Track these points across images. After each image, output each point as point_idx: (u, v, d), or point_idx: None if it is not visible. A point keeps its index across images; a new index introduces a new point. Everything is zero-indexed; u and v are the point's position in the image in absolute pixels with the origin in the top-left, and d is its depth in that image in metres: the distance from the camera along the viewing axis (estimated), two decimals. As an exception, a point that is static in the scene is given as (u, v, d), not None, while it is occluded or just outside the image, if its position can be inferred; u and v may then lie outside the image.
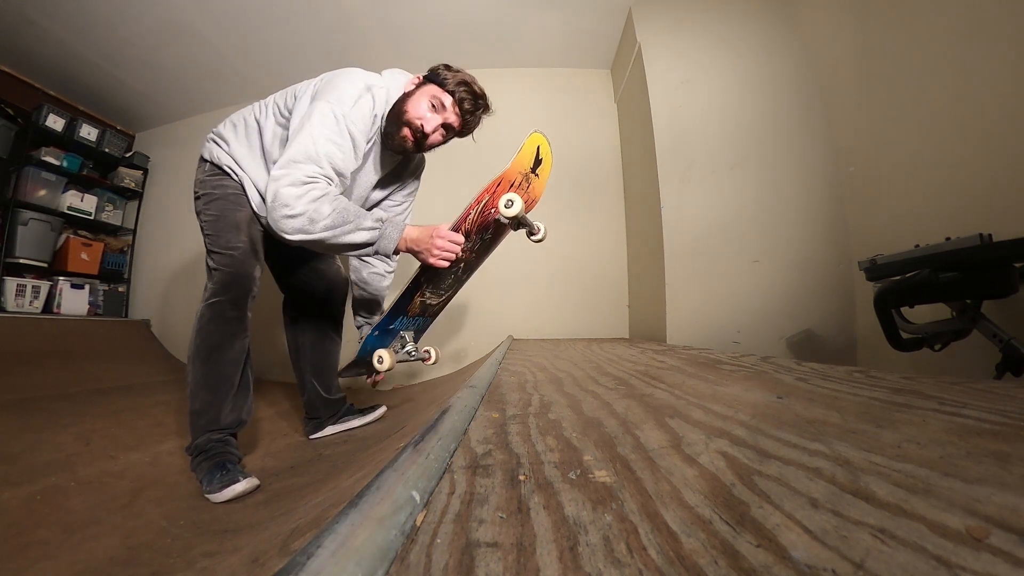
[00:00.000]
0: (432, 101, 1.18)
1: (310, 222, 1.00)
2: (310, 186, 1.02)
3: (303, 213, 1.00)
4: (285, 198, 1.00)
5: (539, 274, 2.83)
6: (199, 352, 1.17)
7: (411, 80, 1.22)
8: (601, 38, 2.75)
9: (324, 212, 1.01)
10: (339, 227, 1.02)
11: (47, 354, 2.40)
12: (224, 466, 1.10)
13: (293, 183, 1.01)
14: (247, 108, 1.27)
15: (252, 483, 1.08)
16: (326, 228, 1.01)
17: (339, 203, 1.03)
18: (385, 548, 0.27)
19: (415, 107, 1.18)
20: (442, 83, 1.18)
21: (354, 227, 1.03)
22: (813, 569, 0.23)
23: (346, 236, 1.02)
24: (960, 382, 0.66)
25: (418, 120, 1.17)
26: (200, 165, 1.27)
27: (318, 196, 1.01)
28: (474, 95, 1.20)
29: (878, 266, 1.33)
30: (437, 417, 0.58)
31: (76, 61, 2.91)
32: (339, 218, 1.02)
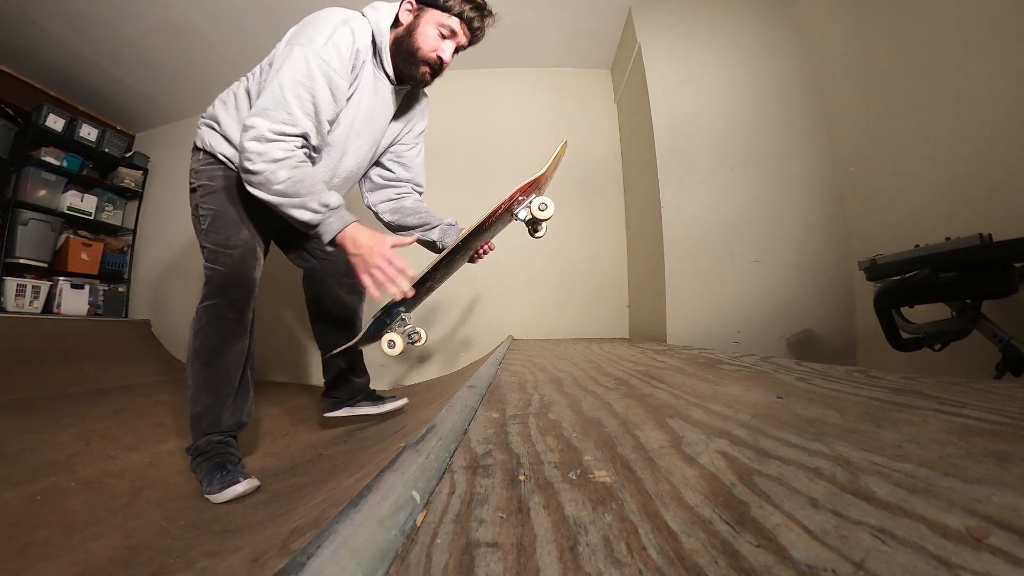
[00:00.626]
0: (440, 30, 1.12)
1: (266, 182, 0.97)
2: (274, 144, 0.98)
3: (261, 172, 0.97)
4: (248, 151, 0.97)
5: (539, 274, 2.83)
6: (198, 355, 1.15)
7: (403, 8, 1.13)
8: (601, 38, 2.75)
9: (280, 176, 0.97)
10: (288, 197, 0.98)
11: (47, 354, 2.40)
12: (224, 467, 1.09)
13: (258, 137, 0.97)
14: (235, 82, 1.20)
15: (252, 484, 1.07)
16: (277, 194, 0.98)
17: (297, 172, 0.99)
18: (385, 548, 0.27)
19: (425, 40, 1.12)
20: (445, 6, 1.10)
21: (299, 203, 0.98)
22: (813, 569, 0.23)
23: (291, 209, 0.99)
24: (960, 382, 0.66)
25: (433, 53, 1.13)
26: (194, 154, 1.20)
27: (279, 158, 0.98)
28: (478, 7, 1.13)
29: (878, 266, 1.33)
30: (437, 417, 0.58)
31: (76, 61, 2.91)
32: (291, 188, 0.98)
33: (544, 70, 3.07)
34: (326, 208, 1.00)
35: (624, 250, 2.81)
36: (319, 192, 1.00)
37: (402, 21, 1.14)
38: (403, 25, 1.14)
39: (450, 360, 2.71)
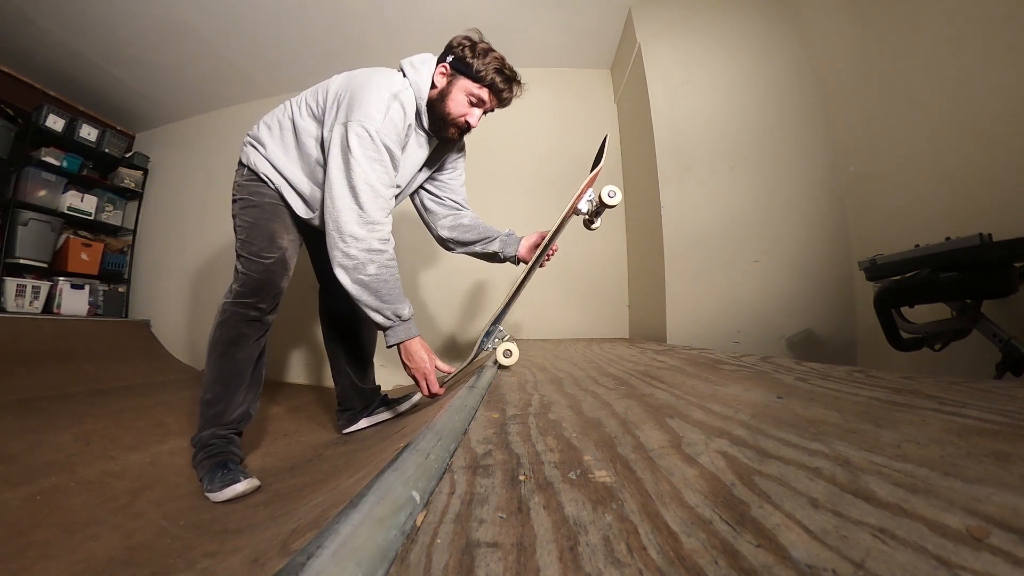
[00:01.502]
0: (470, 98, 1.19)
1: (355, 268, 1.06)
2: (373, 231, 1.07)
3: (356, 258, 1.06)
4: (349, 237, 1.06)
5: (539, 274, 2.82)
6: (217, 345, 1.21)
7: (438, 71, 1.19)
8: (601, 38, 2.75)
9: (369, 271, 1.07)
10: (367, 295, 1.07)
11: (47, 354, 2.40)
12: (226, 465, 1.11)
13: (359, 221, 1.06)
14: (279, 108, 1.27)
15: (253, 484, 1.08)
16: (359, 284, 1.07)
17: (385, 272, 1.09)
18: (385, 548, 0.27)
19: (456, 106, 1.19)
20: (476, 76, 1.16)
21: (376, 307, 1.09)
22: (813, 569, 0.23)
23: (366, 307, 1.09)
24: (960, 382, 0.66)
25: (462, 118, 1.21)
26: (239, 169, 1.28)
27: (375, 248, 1.07)
28: (508, 79, 1.20)
29: (878, 266, 1.33)
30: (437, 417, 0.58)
31: (76, 61, 2.91)
32: (374, 285, 1.07)
33: (544, 70, 3.06)
34: (398, 319, 1.12)
35: (624, 250, 2.81)
36: (396, 300, 1.10)
37: (436, 84, 1.20)
38: (437, 89, 1.20)
39: (450, 360, 2.71)
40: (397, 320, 1.12)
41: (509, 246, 1.48)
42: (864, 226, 1.92)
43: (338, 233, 1.06)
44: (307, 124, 1.19)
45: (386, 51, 2.91)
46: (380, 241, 1.08)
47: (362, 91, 1.12)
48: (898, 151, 1.71)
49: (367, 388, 1.56)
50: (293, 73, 3.09)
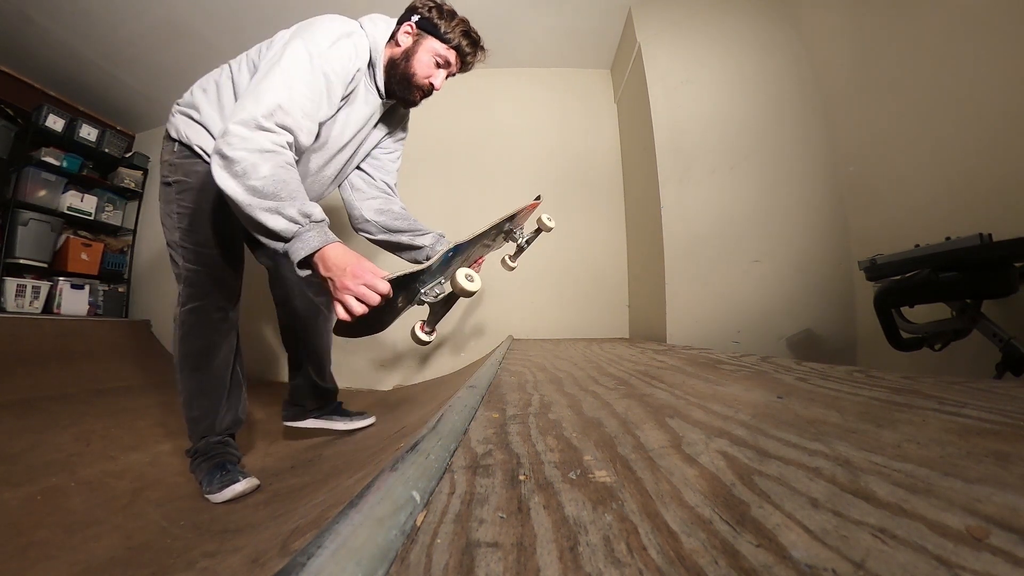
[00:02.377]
0: (436, 59, 1.13)
1: (243, 173, 0.82)
2: (264, 134, 0.86)
3: (241, 161, 0.82)
4: (231, 135, 0.83)
5: (539, 274, 2.83)
6: (187, 360, 1.14)
7: (402, 30, 1.12)
8: (601, 38, 2.75)
9: (261, 171, 0.82)
10: (262, 198, 0.82)
11: (47, 355, 2.40)
12: (224, 466, 1.10)
13: (246, 121, 0.85)
14: (216, 70, 1.15)
15: (252, 483, 1.08)
16: (251, 191, 0.82)
17: (282, 172, 0.85)
18: (385, 548, 0.27)
19: (421, 67, 1.13)
20: (443, 37, 1.11)
21: (274, 207, 0.82)
22: (813, 569, 0.23)
23: (262, 213, 0.82)
24: (960, 382, 0.66)
25: (427, 79, 1.14)
26: (167, 144, 1.13)
27: (267, 149, 0.85)
28: (474, 43, 1.16)
29: (878, 266, 1.33)
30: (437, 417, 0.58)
31: (76, 61, 2.91)
32: (270, 186, 0.82)
33: (544, 70, 3.07)
34: (307, 219, 0.84)
35: (624, 250, 2.81)
36: (300, 199, 0.84)
37: (400, 43, 1.13)
38: (401, 47, 1.13)
39: (450, 360, 2.71)
40: (306, 221, 0.83)
41: (439, 244, 1.37)
42: (864, 226, 1.92)
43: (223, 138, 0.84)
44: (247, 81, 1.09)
45: (386, 51, 2.92)
46: (273, 143, 0.86)
47: (311, 24, 1.04)
48: (898, 151, 1.71)
49: (327, 387, 1.48)
50: (293, 73, 3.08)
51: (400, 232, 1.35)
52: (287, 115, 0.90)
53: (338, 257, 0.83)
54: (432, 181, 2.98)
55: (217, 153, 0.84)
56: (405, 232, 1.35)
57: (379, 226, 1.35)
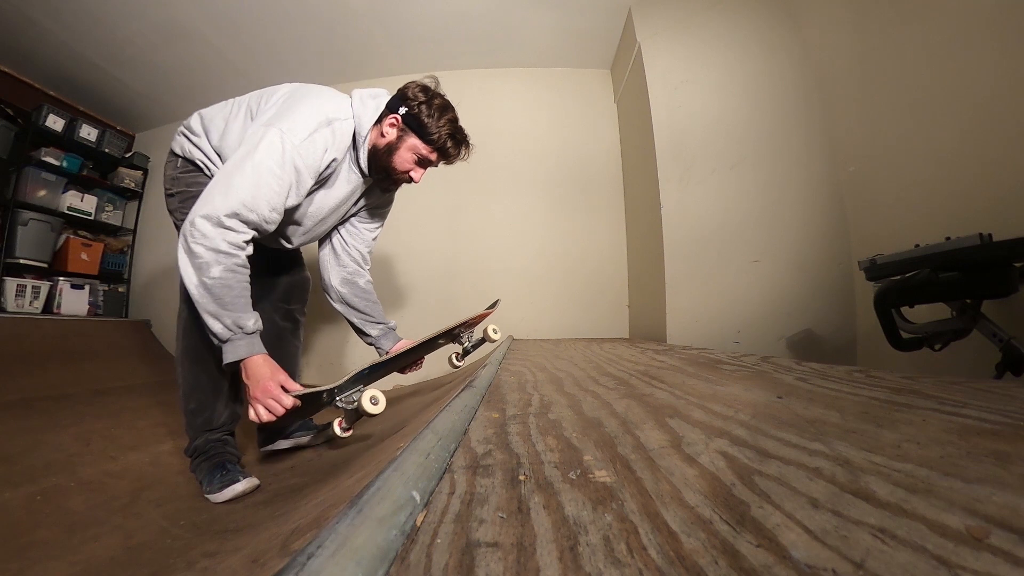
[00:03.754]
0: (418, 156, 1.15)
1: (198, 269, 0.93)
2: (224, 232, 0.94)
3: (200, 256, 0.92)
4: (197, 228, 0.92)
5: (539, 274, 2.83)
6: (187, 352, 1.16)
7: (388, 122, 1.13)
8: (601, 38, 2.75)
9: (212, 273, 0.93)
10: (206, 298, 0.92)
11: (47, 355, 2.40)
12: (224, 466, 1.10)
13: (211, 216, 0.93)
14: (218, 105, 1.20)
15: (252, 483, 1.08)
16: (200, 287, 0.92)
17: (230, 276, 0.94)
18: (385, 548, 0.27)
19: (402, 162, 1.15)
20: (428, 138, 1.12)
21: (214, 312, 0.93)
22: (813, 569, 0.23)
23: (204, 313, 0.94)
24: (960, 382, 0.66)
25: (406, 174, 1.17)
26: (171, 160, 1.21)
27: (222, 250, 0.94)
28: (459, 143, 1.17)
29: (878, 266, 1.33)
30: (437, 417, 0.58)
31: (76, 61, 2.91)
32: (216, 290, 0.93)
33: (544, 70, 3.07)
34: (239, 330, 0.95)
35: (624, 250, 2.81)
36: (240, 310, 0.95)
37: (384, 134, 1.14)
38: (384, 139, 1.14)
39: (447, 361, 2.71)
40: (238, 332, 0.95)
41: (386, 339, 1.42)
42: (864, 226, 1.92)
43: (189, 225, 0.93)
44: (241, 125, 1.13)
45: (387, 51, 2.92)
46: (229, 244, 0.95)
47: (299, 104, 1.06)
48: (898, 151, 1.71)
49: None
50: (293, 73, 3.08)
51: (354, 311, 1.41)
52: (251, 212, 0.97)
53: (256, 369, 0.96)
54: (432, 181, 2.97)
55: (183, 240, 0.94)
56: (358, 313, 1.40)
57: (339, 296, 1.40)
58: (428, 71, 3.32)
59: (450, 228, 2.94)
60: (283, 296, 1.45)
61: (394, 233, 3.22)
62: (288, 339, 1.46)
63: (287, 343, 1.46)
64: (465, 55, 2.96)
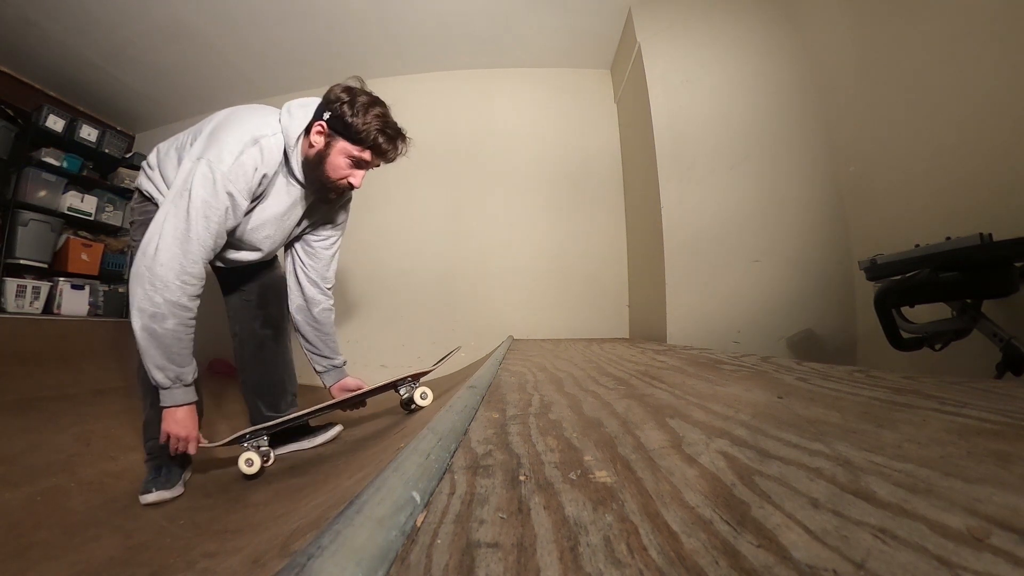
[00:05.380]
0: (350, 159, 1.11)
1: (151, 317, 0.97)
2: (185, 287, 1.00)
3: (158, 307, 0.97)
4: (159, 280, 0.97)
5: (539, 274, 2.83)
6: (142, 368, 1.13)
7: (315, 130, 1.10)
8: (601, 38, 2.75)
9: (166, 325, 0.98)
10: (155, 347, 0.98)
11: (47, 355, 2.41)
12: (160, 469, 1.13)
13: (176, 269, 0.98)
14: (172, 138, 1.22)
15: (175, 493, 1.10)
16: (151, 334, 0.98)
17: (181, 331, 1.01)
18: (385, 549, 0.27)
19: (335, 170, 1.12)
20: (356, 138, 1.09)
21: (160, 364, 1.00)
22: (814, 569, 0.23)
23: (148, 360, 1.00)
24: (960, 382, 0.66)
25: (342, 180, 1.14)
26: (134, 194, 1.25)
27: (180, 303, 0.99)
28: (392, 138, 1.12)
29: (878, 266, 1.33)
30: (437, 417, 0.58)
31: (76, 62, 2.91)
32: (166, 341, 0.99)
33: (544, 70, 3.07)
34: (179, 382, 1.04)
35: (624, 250, 2.81)
36: (183, 364, 1.03)
37: (313, 144, 1.11)
38: (314, 149, 1.12)
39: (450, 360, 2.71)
40: (178, 384, 1.04)
41: (330, 376, 1.43)
42: (864, 226, 1.92)
43: (150, 273, 0.97)
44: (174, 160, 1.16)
45: (386, 51, 2.92)
46: (190, 298, 1.01)
47: (225, 129, 1.07)
48: (898, 151, 1.71)
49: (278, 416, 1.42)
50: (293, 73, 3.09)
51: (304, 340, 1.42)
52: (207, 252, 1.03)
53: (182, 417, 1.06)
54: (432, 181, 2.98)
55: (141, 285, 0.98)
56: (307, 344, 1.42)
57: (295, 323, 1.42)
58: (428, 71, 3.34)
59: (450, 228, 2.94)
60: (258, 302, 1.42)
61: (394, 233, 3.23)
62: (270, 347, 1.44)
63: (269, 351, 1.44)
64: (465, 55, 2.96)
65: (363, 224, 2.67)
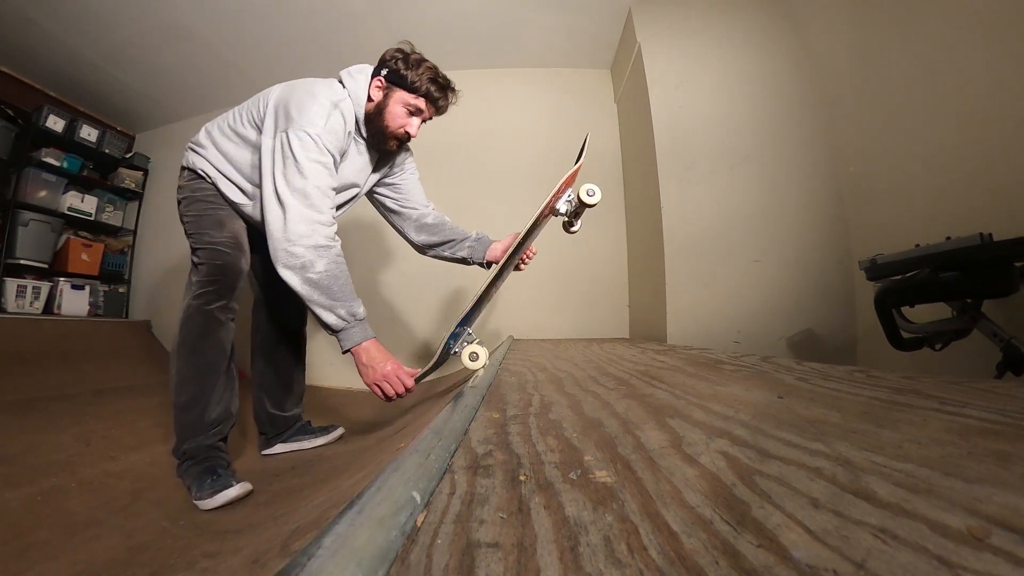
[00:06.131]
0: (408, 108, 1.20)
1: (304, 267, 1.03)
2: (320, 229, 1.05)
3: (300, 256, 1.02)
4: (292, 234, 1.02)
5: (539, 274, 2.82)
6: (185, 342, 1.17)
7: (373, 85, 1.21)
8: (601, 38, 2.75)
9: (318, 267, 1.03)
10: (319, 294, 1.03)
11: (47, 355, 2.41)
12: (214, 471, 1.07)
13: (305, 219, 1.04)
14: (220, 117, 1.28)
15: (245, 488, 1.05)
16: (310, 283, 1.03)
17: (334, 267, 1.05)
18: (386, 549, 0.27)
19: (394, 119, 1.21)
20: (411, 87, 1.18)
21: (329, 305, 1.04)
22: (814, 569, 0.23)
23: (317, 308, 1.04)
24: (961, 382, 0.66)
25: (401, 129, 1.22)
26: (180, 173, 1.29)
27: (321, 244, 1.04)
28: (442, 87, 1.22)
29: (878, 266, 1.33)
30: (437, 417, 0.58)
31: (77, 62, 2.91)
32: (325, 282, 1.03)
33: (544, 70, 3.07)
34: (353, 318, 1.06)
35: (624, 250, 2.81)
36: (349, 298, 1.06)
37: (372, 98, 1.21)
38: (374, 102, 1.21)
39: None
40: (352, 320, 1.06)
41: (477, 251, 1.45)
42: (864, 226, 1.92)
43: (282, 233, 1.03)
44: (247, 131, 1.21)
45: (386, 51, 2.91)
46: (326, 238, 1.06)
47: (304, 100, 1.12)
48: (898, 151, 1.71)
49: (282, 415, 1.47)
50: (292, 74, 3.07)
51: (440, 247, 1.47)
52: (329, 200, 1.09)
53: (370, 355, 1.08)
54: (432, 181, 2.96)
55: (282, 253, 1.03)
56: (444, 246, 1.48)
57: (423, 245, 1.48)
58: (428, 71, 3.22)
59: (450, 228, 2.94)
60: (278, 303, 1.47)
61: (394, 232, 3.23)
62: (284, 350, 1.49)
63: (283, 354, 1.49)
64: (465, 55, 2.96)
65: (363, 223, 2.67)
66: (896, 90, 1.69)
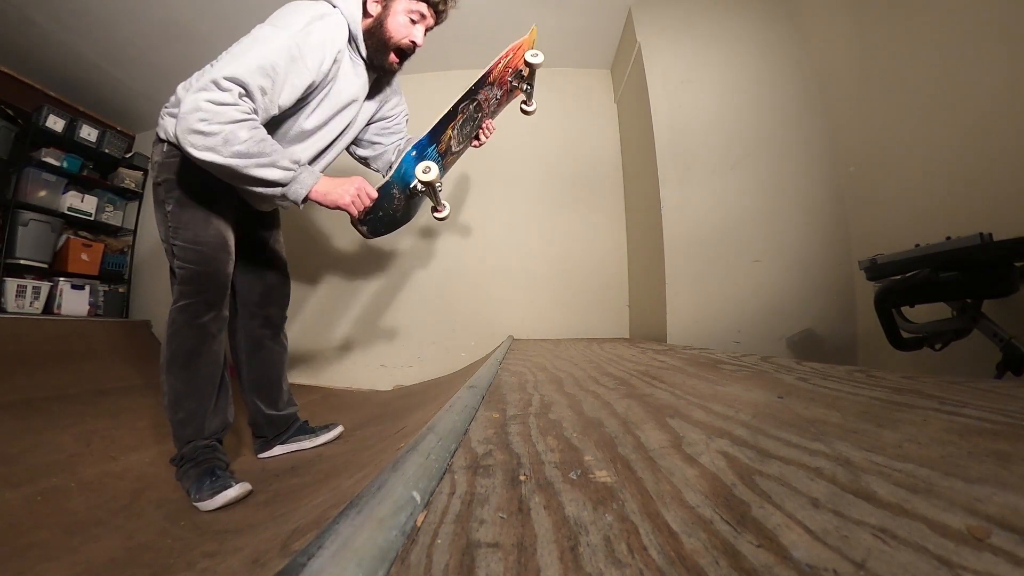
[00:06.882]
0: (411, 16, 1.15)
1: (223, 143, 0.92)
2: (232, 107, 0.93)
3: (218, 133, 0.91)
4: (203, 111, 0.91)
5: (539, 274, 2.83)
6: (175, 359, 1.11)
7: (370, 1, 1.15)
8: (601, 38, 2.75)
9: (241, 136, 0.93)
10: (252, 157, 0.94)
11: (47, 355, 2.40)
12: (213, 472, 1.06)
13: (214, 99, 0.92)
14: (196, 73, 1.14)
15: (245, 488, 1.04)
16: (238, 155, 0.93)
17: (258, 133, 0.96)
18: (386, 548, 0.27)
19: (397, 28, 1.14)
20: None
21: (269, 161, 0.96)
22: (814, 569, 0.23)
23: (256, 169, 0.95)
24: (961, 382, 0.66)
25: (406, 39, 1.16)
26: (156, 147, 1.15)
27: (237, 119, 0.93)
28: None
29: (878, 266, 1.33)
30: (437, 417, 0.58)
31: (76, 62, 2.91)
32: (254, 147, 0.94)
33: (544, 70, 3.06)
34: (296, 164, 1.00)
35: (624, 250, 2.81)
36: (281, 151, 0.98)
37: (371, 12, 1.15)
38: (373, 16, 1.15)
39: (450, 360, 2.71)
40: (296, 167, 0.99)
41: None
42: (864, 226, 1.92)
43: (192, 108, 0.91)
44: None
45: (386, 51, 2.91)
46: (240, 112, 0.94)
47: (281, 12, 1.06)
48: (898, 151, 1.71)
49: (279, 415, 1.42)
50: (293, 73, 3.08)
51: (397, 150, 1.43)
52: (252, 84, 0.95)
53: (330, 183, 1.05)
54: (432, 181, 2.97)
55: (191, 132, 0.91)
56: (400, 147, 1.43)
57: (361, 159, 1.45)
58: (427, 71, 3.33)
59: (450, 227, 2.94)
60: (260, 300, 1.40)
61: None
62: (268, 346, 1.42)
63: (267, 350, 1.42)
64: (465, 55, 2.96)
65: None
66: (896, 90, 1.69)
